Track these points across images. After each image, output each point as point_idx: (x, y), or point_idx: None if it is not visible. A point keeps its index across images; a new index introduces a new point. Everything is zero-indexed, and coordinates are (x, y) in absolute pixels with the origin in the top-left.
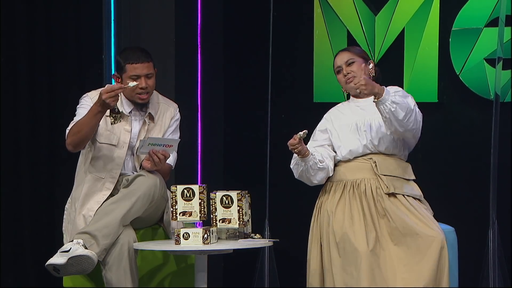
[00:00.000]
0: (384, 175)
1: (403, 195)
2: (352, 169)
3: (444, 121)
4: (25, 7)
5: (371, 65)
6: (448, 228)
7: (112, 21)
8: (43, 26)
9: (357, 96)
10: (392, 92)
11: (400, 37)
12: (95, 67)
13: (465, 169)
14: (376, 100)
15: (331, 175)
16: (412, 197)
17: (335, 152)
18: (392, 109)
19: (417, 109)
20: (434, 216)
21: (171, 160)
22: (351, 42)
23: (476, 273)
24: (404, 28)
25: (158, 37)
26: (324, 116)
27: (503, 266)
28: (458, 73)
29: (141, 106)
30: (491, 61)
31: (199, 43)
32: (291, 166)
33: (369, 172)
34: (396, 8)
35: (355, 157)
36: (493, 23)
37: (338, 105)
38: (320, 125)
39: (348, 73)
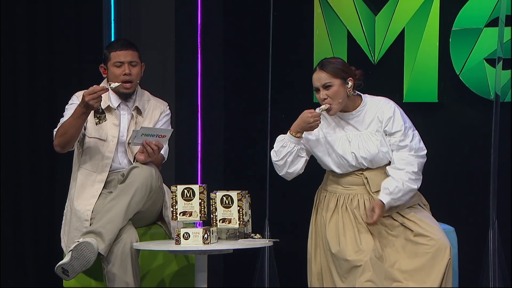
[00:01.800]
0: (377, 191)
1: (398, 212)
2: (344, 183)
3: (444, 121)
4: (26, 7)
5: (350, 84)
6: (448, 228)
7: (112, 21)
8: (43, 26)
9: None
10: (394, 200)
11: (400, 37)
12: (95, 67)
13: (465, 169)
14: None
15: (301, 173)
16: (407, 207)
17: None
18: (396, 205)
19: (423, 153)
20: (434, 215)
21: (162, 151)
22: (351, 42)
23: (476, 273)
24: (404, 28)
25: (158, 37)
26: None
27: (503, 266)
28: (458, 73)
29: (126, 96)
30: (491, 61)
31: (199, 43)
32: (275, 149)
33: (362, 188)
34: (396, 8)
35: (345, 173)
36: (493, 23)
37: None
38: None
39: (325, 98)
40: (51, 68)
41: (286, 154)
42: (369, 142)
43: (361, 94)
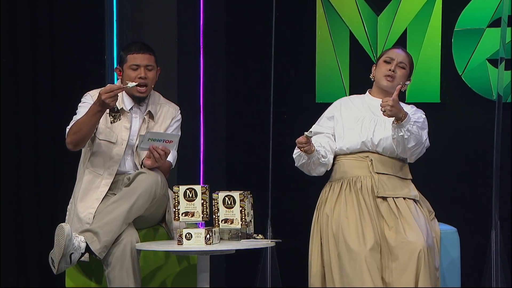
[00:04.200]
0: (379, 173)
1: (393, 197)
2: (349, 167)
3: (446, 122)
4: (28, 7)
5: (408, 82)
6: (450, 228)
7: (115, 22)
8: (45, 26)
9: (377, 92)
10: (412, 121)
11: (403, 37)
12: (98, 68)
13: (468, 169)
14: (395, 123)
15: (329, 169)
16: (403, 198)
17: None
18: (405, 136)
19: (427, 143)
20: (436, 216)
21: (171, 158)
22: (354, 43)
23: (479, 273)
24: (406, 28)
25: (160, 38)
26: (334, 103)
27: (505, 266)
28: (460, 74)
29: (139, 100)
30: (494, 62)
31: (201, 44)
32: (294, 156)
33: (365, 170)
34: (399, 8)
35: (352, 153)
36: (495, 23)
37: (352, 96)
38: (328, 111)
39: (393, 71)
40: (53, 69)
41: (303, 163)
42: (387, 126)
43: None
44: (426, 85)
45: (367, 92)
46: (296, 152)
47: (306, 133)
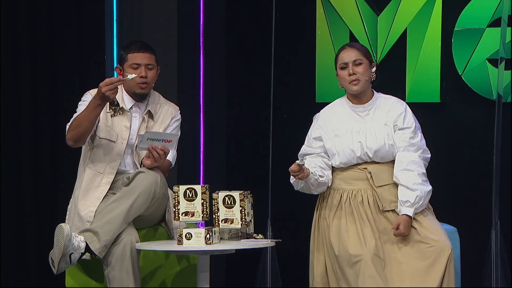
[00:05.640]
0: (380, 186)
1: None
2: (347, 179)
3: (446, 122)
4: (28, 7)
5: (374, 69)
6: (450, 228)
7: (115, 22)
8: (45, 26)
9: (353, 97)
10: (418, 207)
11: (403, 37)
12: (98, 67)
13: (468, 169)
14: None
15: (330, 184)
16: None
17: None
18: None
19: (425, 146)
20: (436, 216)
21: (170, 157)
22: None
23: (479, 273)
24: (406, 28)
25: (160, 37)
26: (317, 119)
27: (505, 266)
28: (460, 73)
29: (140, 97)
30: (494, 61)
31: (201, 43)
32: (291, 181)
33: (365, 183)
34: (399, 8)
35: (350, 166)
36: (495, 23)
37: (331, 105)
38: (314, 132)
39: (354, 74)
40: (53, 68)
41: (303, 187)
42: (377, 134)
43: (373, 90)
44: (426, 85)
45: (346, 97)
46: (292, 178)
47: (297, 162)
